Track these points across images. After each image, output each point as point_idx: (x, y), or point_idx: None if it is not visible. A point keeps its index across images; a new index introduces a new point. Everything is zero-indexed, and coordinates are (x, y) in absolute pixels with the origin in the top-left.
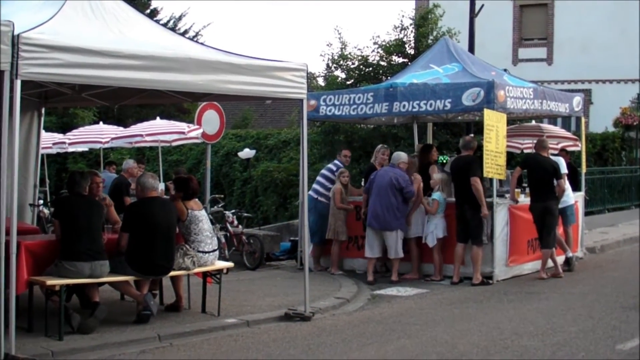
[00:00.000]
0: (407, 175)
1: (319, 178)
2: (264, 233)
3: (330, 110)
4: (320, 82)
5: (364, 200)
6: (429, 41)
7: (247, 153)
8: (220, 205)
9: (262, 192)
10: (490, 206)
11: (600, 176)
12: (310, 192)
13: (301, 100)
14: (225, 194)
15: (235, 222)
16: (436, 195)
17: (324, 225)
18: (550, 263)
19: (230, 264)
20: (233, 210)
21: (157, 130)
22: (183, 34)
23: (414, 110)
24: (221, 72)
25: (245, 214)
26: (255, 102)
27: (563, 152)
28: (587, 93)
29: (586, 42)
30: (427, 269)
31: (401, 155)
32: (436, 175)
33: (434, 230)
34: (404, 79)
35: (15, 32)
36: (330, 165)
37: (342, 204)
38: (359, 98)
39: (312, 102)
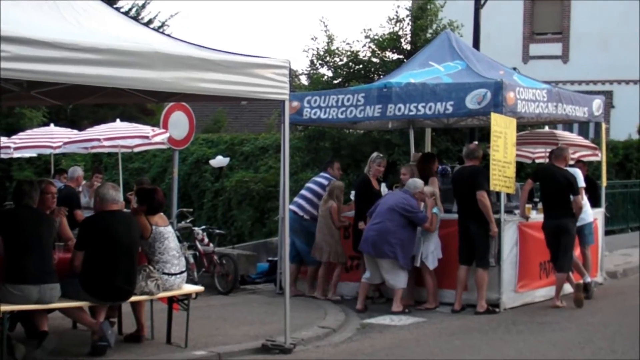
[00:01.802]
0: (413, 199)
1: (304, 192)
2: (238, 252)
3: (315, 113)
4: (304, 80)
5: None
6: (428, 35)
7: (219, 161)
8: (188, 221)
9: (237, 205)
10: (498, 224)
11: (622, 190)
12: (293, 207)
13: (283, 101)
14: (195, 207)
15: (206, 240)
16: (435, 209)
17: (310, 247)
18: (568, 288)
19: (200, 288)
20: (203, 227)
21: (117, 134)
22: (147, 24)
23: (411, 113)
24: (191, 69)
25: (217, 231)
26: (229, 102)
27: (580, 162)
28: (608, 95)
29: (607, 37)
30: (419, 294)
31: (417, 184)
32: (427, 188)
33: (435, 250)
34: (399, 78)
35: None
36: (319, 179)
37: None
38: (347, 99)
39: (295, 103)
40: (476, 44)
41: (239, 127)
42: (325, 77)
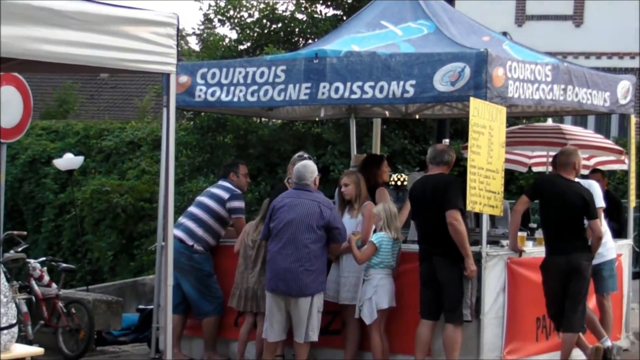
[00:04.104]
0: (330, 201)
1: (195, 210)
2: (94, 297)
3: (212, 93)
4: (194, 44)
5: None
6: None
7: (68, 161)
8: (20, 249)
9: (92, 227)
10: (477, 259)
11: None
12: (178, 233)
13: (166, 74)
14: (29, 229)
15: (47, 278)
16: (377, 237)
17: (206, 292)
18: (578, 354)
19: (36, 350)
20: (42, 258)
21: None
22: None
23: (353, 96)
24: (31, 23)
25: (64, 265)
26: (83, 75)
27: (598, 172)
28: None
29: None
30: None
31: (309, 167)
32: (378, 207)
33: (373, 296)
34: (336, 44)
35: None
36: (217, 191)
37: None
38: (260, 74)
39: (184, 78)
40: None
41: (97, 112)
42: (227, 39)
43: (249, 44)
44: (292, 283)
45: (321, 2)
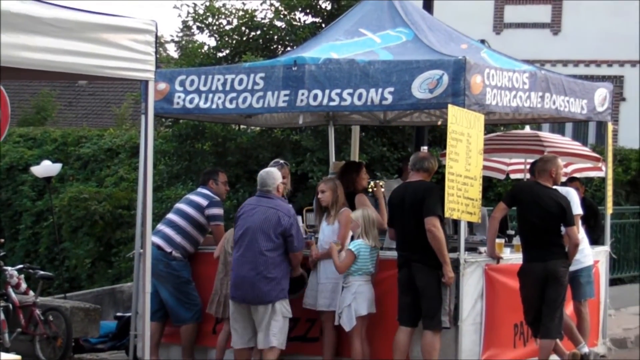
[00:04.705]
0: (291, 207)
1: (174, 217)
2: (72, 305)
3: (191, 101)
4: (173, 52)
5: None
6: None
7: (45, 168)
8: None
9: (70, 234)
10: (455, 266)
11: (636, 220)
12: (157, 240)
13: (145, 82)
14: (6, 236)
15: (23, 286)
16: (355, 244)
17: (184, 299)
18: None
19: (14, 358)
20: (20, 266)
21: None
22: None
23: (332, 104)
24: (9, 30)
25: (41, 273)
26: (61, 82)
27: (575, 180)
28: (617, 82)
29: None
30: None
31: (271, 173)
32: (355, 212)
33: (352, 303)
34: (315, 51)
35: None
36: (196, 198)
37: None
38: (239, 81)
39: (162, 85)
40: (429, 5)
41: (75, 119)
42: (206, 47)
43: (227, 51)
44: (250, 290)
45: (300, 9)
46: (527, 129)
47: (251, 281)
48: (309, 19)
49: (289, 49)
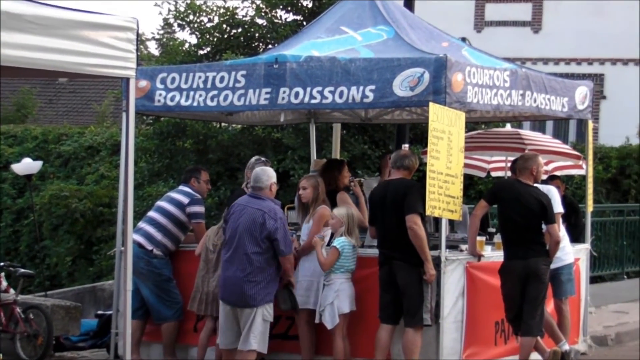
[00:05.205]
0: (280, 209)
1: (155, 215)
2: (52, 303)
3: (172, 98)
4: (154, 49)
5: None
6: None
7: (26, 166)
8: None
9: (51, 232)
10: (436, 264)
11: (616, 218)
12: (138, 238)
13: (125, 79)
14: None
15: (4, 284)
16: (340, 242)
17: (165, 297)
18: (536, 358)
19: None
20: (0, 264)
21: None
22: None
23: (313, 101)
24: None
25: (22, 270)
26: (41, 79)
27: (556, 178)
28: (598, 80)
29: None
30: None
31: (267, 172)
32: (339, 210)
33: (335, 300)
34: (296, 49)
35: None
36: (178, 196)
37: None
38: (220, 79)
39: (143, 82)
40: (410, 3)
41: (55, 117)
42: (187, 44)
43: (208, 48)
44: (235, 293)
45: (281, 7)
46: (508, 127)
47: (237, 283)
48: (290, 17)
49: (270, 46)
